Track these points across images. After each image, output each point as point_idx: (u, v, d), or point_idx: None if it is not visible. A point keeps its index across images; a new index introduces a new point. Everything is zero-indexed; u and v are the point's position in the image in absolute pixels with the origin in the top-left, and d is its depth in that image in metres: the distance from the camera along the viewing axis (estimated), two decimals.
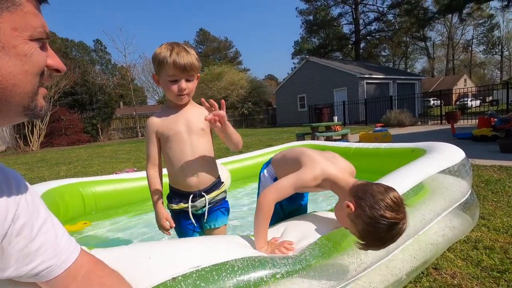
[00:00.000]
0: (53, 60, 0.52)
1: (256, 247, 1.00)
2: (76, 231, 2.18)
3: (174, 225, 1.30)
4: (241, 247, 0.95)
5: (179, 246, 0.87)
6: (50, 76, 0.53)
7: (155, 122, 1.29)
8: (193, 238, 0.96)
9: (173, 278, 0.76)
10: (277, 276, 0.88)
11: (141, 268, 0.78)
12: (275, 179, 1.42)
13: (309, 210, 1.57)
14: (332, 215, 1.21)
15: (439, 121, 11.69)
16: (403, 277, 1.25)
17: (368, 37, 34.41)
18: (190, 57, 1.20)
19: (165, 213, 1.30)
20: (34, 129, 14.23)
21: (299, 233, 1.08)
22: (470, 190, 1.86)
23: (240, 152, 4.93)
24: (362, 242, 0.95)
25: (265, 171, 1.50)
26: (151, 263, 0.79)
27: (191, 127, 1.28)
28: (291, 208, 1.55)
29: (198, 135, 1.29)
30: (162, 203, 1.31)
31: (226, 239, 0.96)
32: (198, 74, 1.29)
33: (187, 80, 1.23)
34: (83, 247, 0.72)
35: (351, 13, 32.32)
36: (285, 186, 1.10)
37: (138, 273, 0.76)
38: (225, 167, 3.08)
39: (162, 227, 1.29)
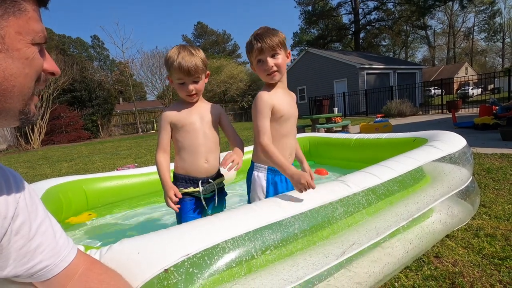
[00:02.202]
0: (49, 64, 0.55)
1: (288, 172, 1.19)
2: (81, 223, 2.21)
3: (181, 196, 1.36)
4: (228, 223, 0.95)
5: (166, 236, 0.86)
6: (45, 80, 0.55)
7: (170, 113, 1.40)
8: (179, 225, 0.95)
9: (165, 270, 0.76)
10: (267, 252, 0.90)
11: (131, 265, 0.77)
12: (269, 169, 1.41)
13: None
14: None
15: (440, 111, 11.64)
16: (400, 263, 1.26)
17: (367, 27, 33.94)
18: (195, 60, 1.29)
19: (173, 186, 1.37)
20: (35, 127, 14.23)
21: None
22: (471, 178, 1.86)
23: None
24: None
25: (254, 173, 1.45)
26: (140, 258, 0.78)
27: (204, 118, 1.42)
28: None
29: (209, 127, 1.43)
30: (170, 179, 1.39)
31: (211, 220, 0.95)
32: (208, 72, 1.42)
33: (194, 82, 1.34)
34: (79, 247, 0.72)
35: (350, 2, 31.82)
36: (261, 124, 1.28)
37: (130, 270, 0.75)
38: None
39: (169, 200, 1.33)
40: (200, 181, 1.43)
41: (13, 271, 0.56)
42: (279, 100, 1.34)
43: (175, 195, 1.34)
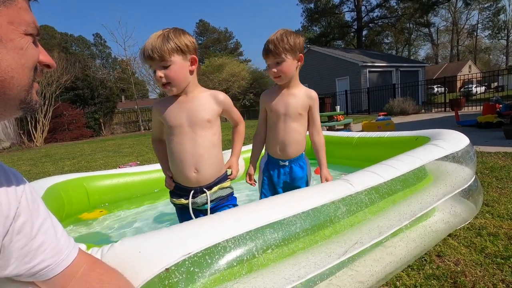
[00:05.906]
0: (44, 56, 0.54)
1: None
2: (92, 219, 2.25)
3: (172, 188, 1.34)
4: (229, 222, 0.95)
5: (167, 235, 0.86)
6: (42, 71, 0.55)
7: (158, 109, 1.25)
8: (180, 224, 0.95)
9: (166, 269, 0.76)
10: (268, 251, 0.90)
11: (133, 264, 0.77)
12: (268, 156, 1.62)
13: None
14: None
15: (443, 109, 11.57)
16: (402, 262, 1.26)
17: (370, 25, 33.74)
18: (157, 41, 1.06)
19: (168, 176, 1.34)
20: (38, 125, 14.30)
21: None
22: (474, 177, 1.85)
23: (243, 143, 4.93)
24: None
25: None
26: (142, 257, 0.78)
27: (195, 119, 1.19)
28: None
29: (202, 127, 1.20)
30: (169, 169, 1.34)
31: (212, 219, 0.95)
32: (193, 57, 1.15)
33: (163, 67, 1.10)
34: (81, 246, 0.72)
35: (352, 0, 31.66)
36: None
37: (131, 269, 0.75)
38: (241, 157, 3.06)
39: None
40: (192, 191, 1.25)
41: (15, 271, 0.56)
42: (271, 99, 1.53)
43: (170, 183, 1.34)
